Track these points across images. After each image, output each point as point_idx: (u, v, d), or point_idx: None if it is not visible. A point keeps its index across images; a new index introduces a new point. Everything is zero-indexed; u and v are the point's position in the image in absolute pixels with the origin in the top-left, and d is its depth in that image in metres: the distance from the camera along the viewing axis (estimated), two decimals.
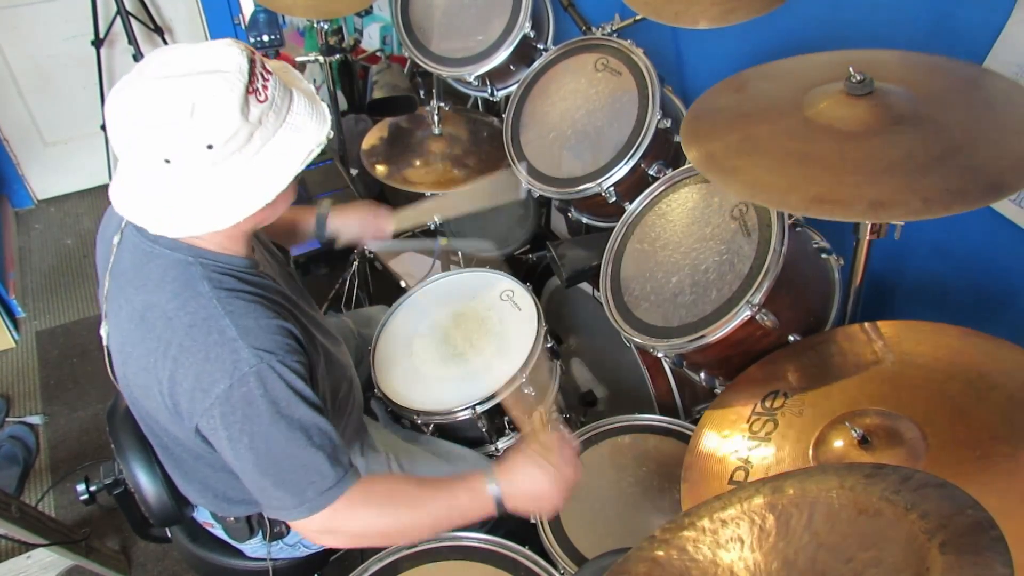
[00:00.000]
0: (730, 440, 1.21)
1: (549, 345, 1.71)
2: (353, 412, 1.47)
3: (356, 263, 2.70)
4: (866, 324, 1.25)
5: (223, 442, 1.11)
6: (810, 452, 1.10)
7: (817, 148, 1.08)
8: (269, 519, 1.40)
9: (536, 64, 1.93)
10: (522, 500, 1.24)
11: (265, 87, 1.04)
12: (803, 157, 1.08)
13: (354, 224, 1.74)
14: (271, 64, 1.11)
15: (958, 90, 1.13)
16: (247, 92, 1.01)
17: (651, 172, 1.68)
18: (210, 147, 1.01)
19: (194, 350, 1.09)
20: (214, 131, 1.00)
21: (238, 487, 1.29)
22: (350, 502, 1.16)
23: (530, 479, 1.23)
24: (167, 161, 1.02)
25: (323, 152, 3.07)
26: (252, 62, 1.03)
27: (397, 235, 1.79)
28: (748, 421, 1.22)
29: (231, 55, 1.02)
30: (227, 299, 1.11)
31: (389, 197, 3.13)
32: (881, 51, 1.25)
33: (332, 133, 1.12)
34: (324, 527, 1.17)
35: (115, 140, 1.04)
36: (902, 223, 1.15)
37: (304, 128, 1.09)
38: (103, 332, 1.24)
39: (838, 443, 1.08)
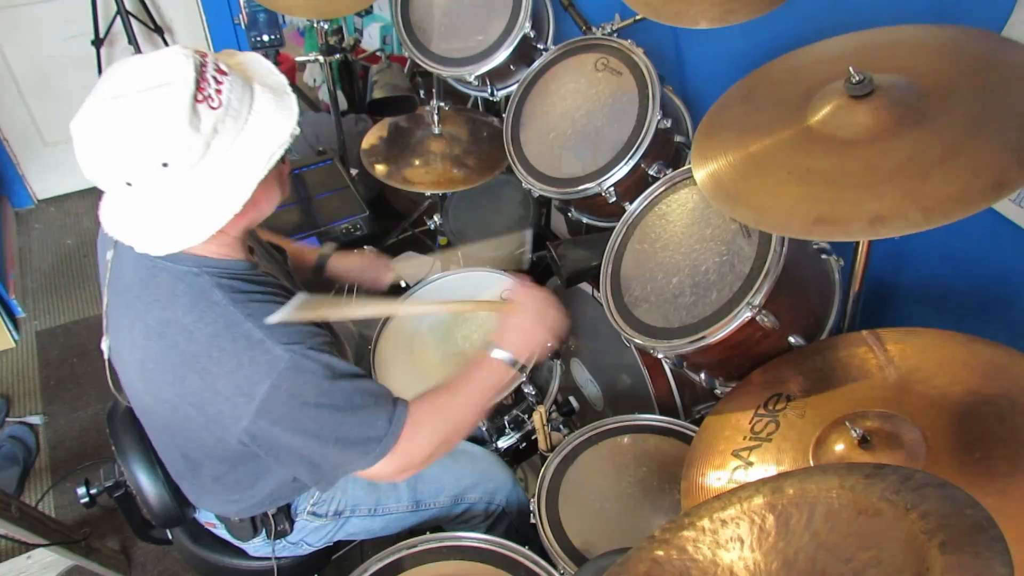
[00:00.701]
0: (731, 440, 1.21)
1: (549, 344, 1.71)
2: None
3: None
4: (868, 331, 1.25)
5: (281, 437, 1.12)
6: (810, 453, 1.10)
7: (819, 162, 1.08)
8: (272, 517, 1.41)
9: (536, 64, 1.94)
10: (529, 346, 1.36)
11: (219, 91, 1.01)
12: (805, 174, 1.08)
13: (353, 269, 1.76)
14: (231, 61, 1.09)
15: (967, 72, 1.10)
16: (195, 102, 0.98)
17: (651, 172, 1.68)
18: (165, 165, 0.99)
19: (225, 359, 1.08)
20: (166, 149, 0.98)
21: (254, 491, 1.30)
22: (408, 439, 1.19)
23: (520, 328, 1.36)
24: (128, 184, 1.02)
25: (322, 152, 3.08)
26: (201, 67, 1.00)
27: (393, 287, 1.83)
28: (750, 422, 1.22)
29: (176, 65, 0.99)
30: (242, 303, 1.11)
31: (389, 196, 3.13)
32: (893, 28, 1.23)
33: (298, 129, 1.08)
34: (397, 468, 1.21)
35: (81, 165, 1.03)
36: None
37: (268, 127, 1.06)
38: (104, 346, 1.24)
39: (839, 445, 1.07)
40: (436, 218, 2.42)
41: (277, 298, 1.16)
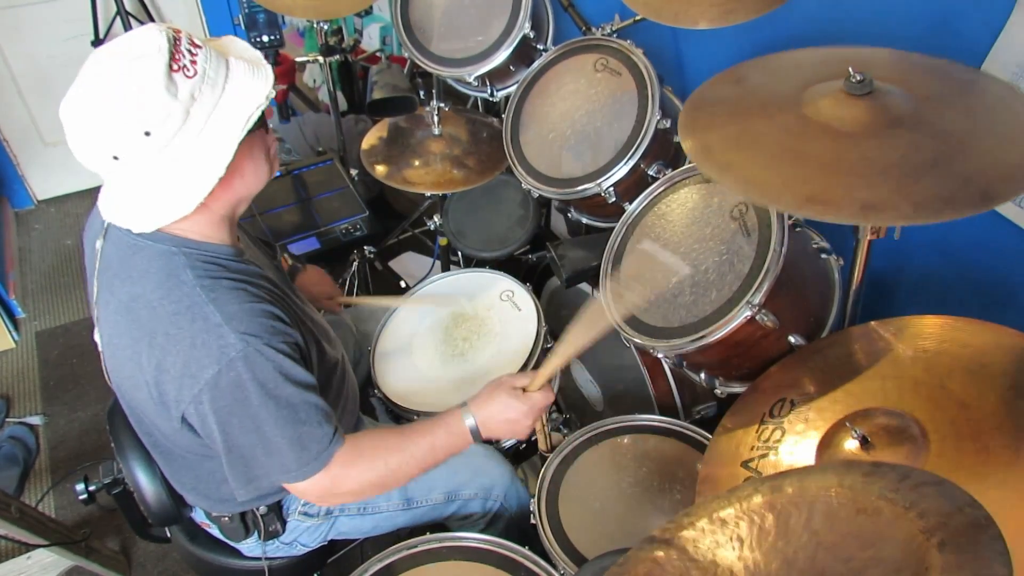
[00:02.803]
0: (739, 453, 1.21)
1: (549, 345, 1.71)
2: (347, 408, 1.47)
3: (356, 263, 2.71)
4: (870, 323, 1.25)
5: (212, 427, 1.13)
6: (815, 456, 1.10)
7: (813, 147, 1.08)
8: (263, 518, 1.41)
9: (536, 64, 1.94)
10: (496, 427, 1.33)
11: (193, 62, 1.04)
12: (798, 155, 1.08)
13: (312, 284, 1.78)
14: (211, 42, 1.12)
15: (956, 93, 1.13)
16: (171, 71, 1.01)
17: (651, 172, 1.68)
18: (148, 134, 1.02)
19: (180, 338, 1.09)
20: (146, 117, 1.01)
21: (226, 482, 1.29)
22: (342, 464, 1.21)
23: (503, 406, 1.31)
24: (115, 158, 1.04)
25: (322, 152, 3.08)
26: (175, 40, 1.04)
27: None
28: (757, 431, 1.22)
29: (150, 38, 1.02)
30: (210, 286, 1.12)
31: (389, 197, 3.13)
32: (881, 49, 1.25)
33: (274, 92, 1.12)
34: (324, 491, 1.22)
35: (72, 147, 1.06)
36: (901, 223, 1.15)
37: (244, 92, 1.09)
38: (96, 337, 1.25)
39: (842, 445, 1.08)
40: (436, 218, 2.42)
41: (253, 287, 1.16)
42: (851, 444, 1.07)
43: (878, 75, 1.11)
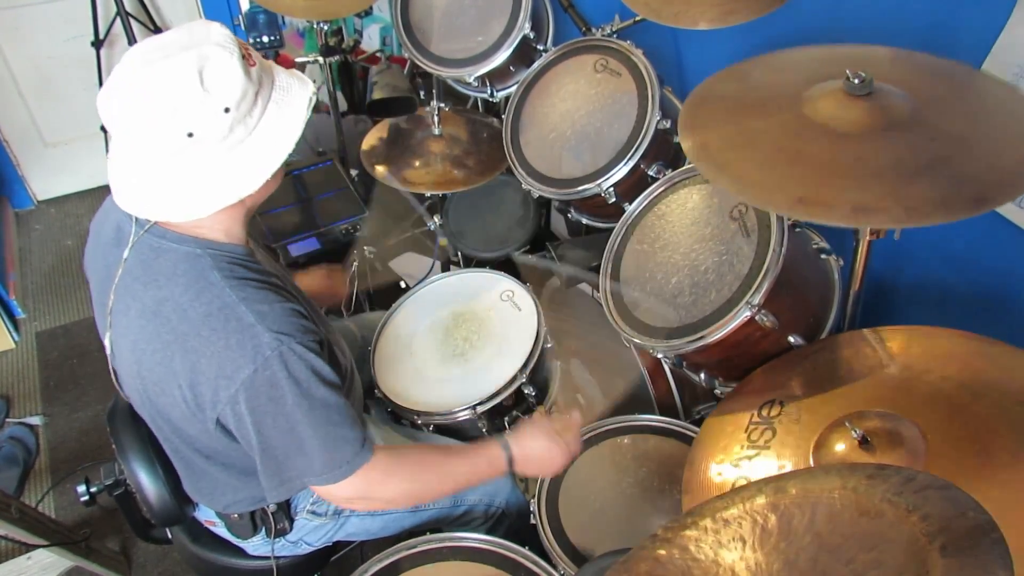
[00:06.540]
0: (729, 451, 1.21)
1: (549, 345, 1.71)
2: (354, 406, 1.47)
3: (356, 264, 2.71)
4: (860, 330, 1.25)
5: (247, 427, 1.13)
6: (810, 456, 1.10)
7: (809, 147, 1.08)
8: (272, 515, 1.41)
9: (536, 65, 1.94)
10: (529, 465, 1.39)
11: (250, 53, 1.09)
12: (794, 155, 1.08)
13: (311, 291, 1.76)
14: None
15: (956, 94, 1.13)
16: (242, 55, 1.06)
17: (651, 173, 1.68)
18: (227, 110, 1.05)
19: (213, 339, 1.10)
20: (227, 94, 1.04)
21: (250, 485, 1.29)
22: (383, 471, 1.23)
23: (539, 447, 1.38)
24: (190, 135, 1.05)
25: (322, 153, 3.08)
26: (232, 32, 1.09)
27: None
28: (746, 431, 1.22)
29: (213, 28, 1.08)
30: (238, 287, 1.13)
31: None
32: (883, 48, 1.24)
33: (316, 87, 1.16)
34: (358, 494, 1.23)
35: (125, 132, 1.06)
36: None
37: (291, 87, 1.14)
38: (107, 342, 1.24)
39: (839, 446, 1.07)
40: (436, 219, 2.42)
41: (271, 287, 1.17)
42: (847, 446, 1.07)
43: (879, 74, 1.11)
